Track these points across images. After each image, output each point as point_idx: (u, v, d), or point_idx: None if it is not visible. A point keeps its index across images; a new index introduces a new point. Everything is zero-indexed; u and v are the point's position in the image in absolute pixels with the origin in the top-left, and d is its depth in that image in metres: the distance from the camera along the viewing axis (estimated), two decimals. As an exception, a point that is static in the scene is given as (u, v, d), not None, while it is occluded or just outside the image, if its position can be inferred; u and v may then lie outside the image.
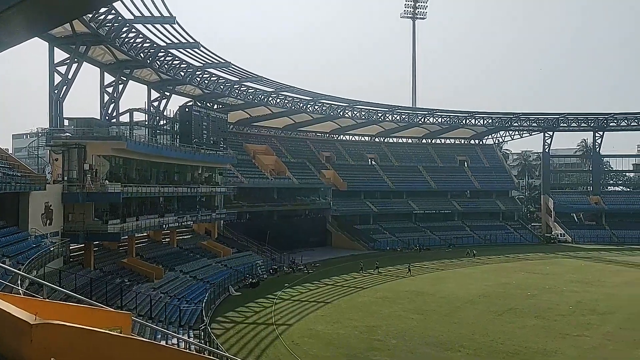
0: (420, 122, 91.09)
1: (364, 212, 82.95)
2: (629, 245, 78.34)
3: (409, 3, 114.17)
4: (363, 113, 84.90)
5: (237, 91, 65.46)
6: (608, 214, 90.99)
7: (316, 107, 78.83)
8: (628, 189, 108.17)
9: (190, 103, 59.42)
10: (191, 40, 45.52)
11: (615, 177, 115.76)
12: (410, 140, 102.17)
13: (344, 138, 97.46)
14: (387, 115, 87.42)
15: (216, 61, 52.80)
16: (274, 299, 41.81)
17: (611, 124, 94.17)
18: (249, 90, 67.64)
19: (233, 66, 55.55)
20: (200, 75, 57.12)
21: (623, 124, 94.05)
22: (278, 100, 73.22)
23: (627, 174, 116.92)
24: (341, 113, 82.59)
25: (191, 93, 61.46)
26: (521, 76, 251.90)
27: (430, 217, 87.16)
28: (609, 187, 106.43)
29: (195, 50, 48.36)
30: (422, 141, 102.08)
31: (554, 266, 59.99)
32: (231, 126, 74.49)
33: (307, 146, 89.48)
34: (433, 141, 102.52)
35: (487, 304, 40.08)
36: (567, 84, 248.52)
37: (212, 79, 59.47)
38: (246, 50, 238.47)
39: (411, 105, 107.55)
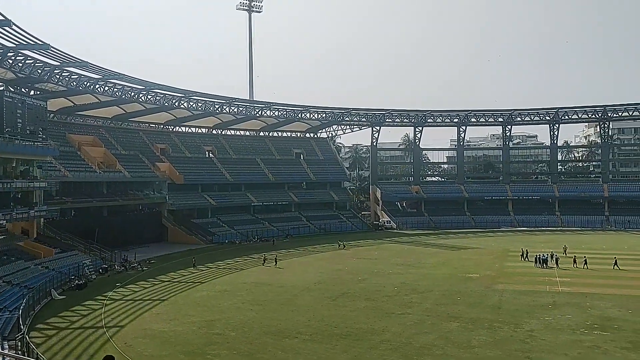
0: (257, 114, 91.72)
1: (202, 205, 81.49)
2: (443, 230, 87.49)
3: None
4: (200, 104, 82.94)
5: (58, 76, 59.60)
6: (426, 202, 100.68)
7: (149, 96, 75.01)
8: (443, 179, 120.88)
9: (2, 88, 52.83)
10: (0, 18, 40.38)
11: (433, 169, 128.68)
12: (248, 133, 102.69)
13: (179, 130, 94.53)
14: (225, 107, 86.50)
15: (32, 42, 47.49)
16: (104, 300, 39.14)
17: (428, 120, 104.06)
18: (73, 76, 61.94)
19: (52, 49, 50.46)
20: (13, 58, 50.95)
21: (438, 120, 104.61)
22: (106, 88, 68.14)
23: (442, 165, 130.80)
24: (176, 104, 79.74)
25: (2, 77, 54.56)
26: (353, 73, 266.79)
27: (269, 209, 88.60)
28: (427, 178, 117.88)
29: (6, 28, 43.01)
30: (260, 134, 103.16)
31: (381, 251, 64.73)
32: (52, 115, 68.15)
33: (139, 138, 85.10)
34: (270, 134, 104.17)
35: (323, 290, 41.86)
36: (392, 83, 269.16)
37: (27, 61, 53.31)
38: (79, 38, 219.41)
39: (249, 98, 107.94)
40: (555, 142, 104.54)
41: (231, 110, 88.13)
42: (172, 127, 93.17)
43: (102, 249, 56.81)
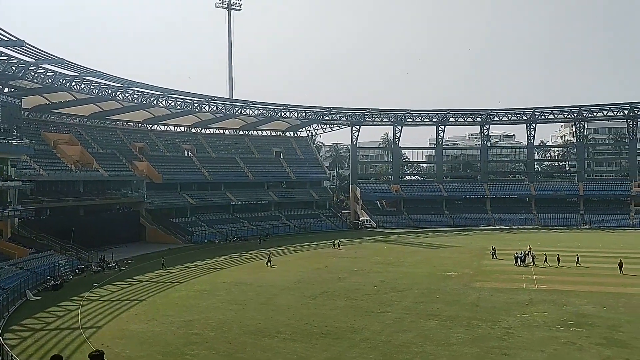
0: (237, 113, 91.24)
1: (181, 204, 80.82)
2: (422, 228, 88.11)
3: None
4: (178, 103, 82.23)
5: (33, 73, 58.56)
6: (406, 201, 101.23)
7: (127, 94, 74.15)
8: (422, 178, 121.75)
9: (-26, 85, 51.75)
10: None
11: (412, 168, 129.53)
12: (227, 132, 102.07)
13: (158, 128, 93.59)
14: (204, 105, 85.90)
15: (6, 39, 46.60)
16: (80, 300, 38.55)
17: (407, 120, 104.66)
18: (48, 74, 60.99)
19: (27, 45, 49.57)
20: (-14, 54, 49.98)
21: (418, 119, 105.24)
22: (83, 85, 67.22)
23: (421, 164, 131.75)
24: (155, 102, 78.95)
25: (-25, 73, 53.47)
26: (333, 72, 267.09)
27: (248, 208, 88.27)
28: (406, 177, 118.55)
29: (-21, 24, 42.09)
30: (240, 133, 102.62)
31: (361, 250, 64.93)
32: (27, 112, 67.03)
33: (117, 136, 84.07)
34: (250, 133, 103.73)
35: (302, 289, 41.81)
36: (371, 83, 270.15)
37: (1, 58, 52.35)
38: (55, 35, 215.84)
39: (228, 97, 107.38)
40: (532, 141, 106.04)
41: (210, 108, 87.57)
42: (151, 126, 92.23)
43: (79, 249, 55.96)
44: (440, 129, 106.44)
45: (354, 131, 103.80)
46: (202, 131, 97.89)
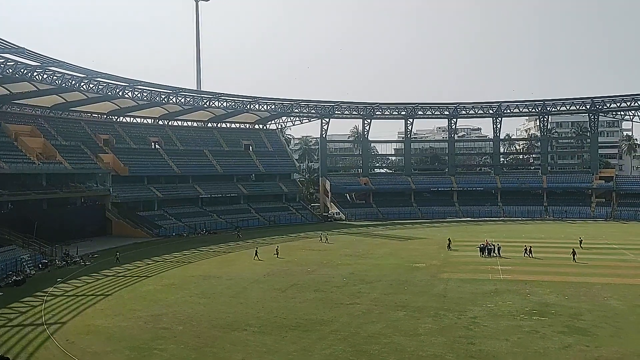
0: (205, 105, 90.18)
1: (148, 197, 79.67)
2: (391, 221, 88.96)
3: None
4: (145, 94, 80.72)
5: (-8, 63, 56.75)
6: (375, 194, 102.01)
7: (91, 85, 72.43)
8: (391, 171, 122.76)
9: None
10: None
11: (381, 161, 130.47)
12: (195, 124, 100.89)
13: (124, 120, 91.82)
14: (171, 97, 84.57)
15: (-37, 26, 44.92)
16: (44, 296, 37.69)
17: (376, 113, 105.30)
18: (9, 63, 59.11)
19: (-14, 34, 47.90)
20: (-58, 42, 48.14)
21: (386, 112, 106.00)
22: (45, 76, 65.33)
23: (390, 157, 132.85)
24: (120, 93, 77.31)
25: None
26: (301, 64, 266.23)
27: (217, 201, 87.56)
28: (375, 170, 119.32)
29: None
30: (208, 125, 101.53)
31: (330, 242, 65.09)
32: (-14, 103, 64.78)
33: (81, 128, 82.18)
34: (218, 125, 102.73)
35: (272, 282, 41.77)
36: (341, 76, 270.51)
37: (-42, 47, 50.59)
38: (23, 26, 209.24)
39: (196, 88, 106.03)
40: (497, 135, 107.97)
41: (178, 100, 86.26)
42: (116, 117, 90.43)
43: (42, 244, 54.54)
44: (408, 122, 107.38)
45: (323, 124, 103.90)
46: (170, 123, 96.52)
